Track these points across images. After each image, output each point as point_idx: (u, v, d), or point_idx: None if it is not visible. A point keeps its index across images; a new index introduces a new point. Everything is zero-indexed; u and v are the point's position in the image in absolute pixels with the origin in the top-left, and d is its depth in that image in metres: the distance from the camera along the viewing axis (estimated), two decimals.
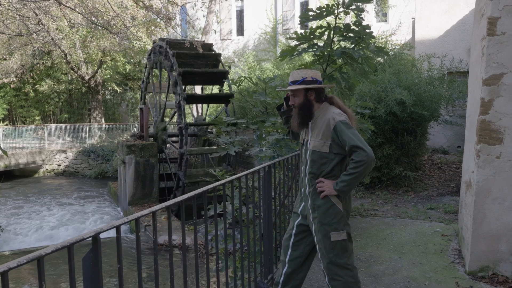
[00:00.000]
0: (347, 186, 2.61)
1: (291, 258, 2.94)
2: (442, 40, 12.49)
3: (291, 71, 3.20)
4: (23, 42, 19.06)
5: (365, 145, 2.56)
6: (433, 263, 4.29)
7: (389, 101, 7.49)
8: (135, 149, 11.28)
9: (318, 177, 2.75)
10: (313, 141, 2.77)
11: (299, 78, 2.79)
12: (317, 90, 2.82)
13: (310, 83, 2.77)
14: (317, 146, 2.74)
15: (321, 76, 2.87)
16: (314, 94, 2.81)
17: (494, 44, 3.59)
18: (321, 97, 2.84)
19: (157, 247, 2.04)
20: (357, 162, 2.54)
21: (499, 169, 3.69)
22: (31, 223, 11.85)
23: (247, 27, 20.78)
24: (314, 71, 2.85)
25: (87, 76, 22.52)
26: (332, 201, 2.68)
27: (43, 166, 20.35)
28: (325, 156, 2.72)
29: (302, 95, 2.80)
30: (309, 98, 2.81)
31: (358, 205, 7.08)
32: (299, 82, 2.78)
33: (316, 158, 2.75)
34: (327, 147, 2.70)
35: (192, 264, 5.70)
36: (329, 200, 2.69)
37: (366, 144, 2.58)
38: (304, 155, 2.89)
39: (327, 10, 3.68)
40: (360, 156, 2.54)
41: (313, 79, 2.79)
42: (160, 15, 11.76)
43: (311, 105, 2.81)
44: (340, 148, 2.68)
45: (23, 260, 1.32)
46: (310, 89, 2.79)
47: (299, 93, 2.81)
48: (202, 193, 2.45)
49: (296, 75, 2.81)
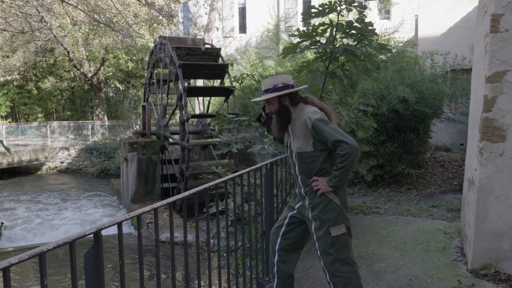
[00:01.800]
0: (340, 181, 2.66)
1: (281, 247, 2.98)
2: (445, 37, 12.44)
3: (294, 68, 3.20)
4: (25, 39, 19.12)
5: (346, 137, 2.60)
6: (435, 261, 4.28)
7: (391, 99, 7.47)
8: (137, 147, 11.30)
9: (311, 176, 2.78)
10: (296, 142, 2.81)
11: (270, 86, 2.82)
12: (290, 94, 2.85)
13: (281, 89, 2.81)
14: (301, 147, 2.77)
15: (292, 80, 2.88)
16: (287, 99, 2.85)
17: (497, 41, 3.57)
18: (296, 100, 2.87)
19: (159, 244, 2.05)
20: (343, 156, 2.58)
21: (502, 166, 3.68)
22: (33, 220, 11.89)
23: (249, 25, 20.76)
24: (284, 76, 2.88)
25: (90, 74, 22.55)
26: (329, 197, 2.71)
27: (46, 164, 20.40)
28: (311, 155, 2.75)
29: (276, 102, 2.84)
30: (284, 103, 2.84)
31: (360, 202, 7.07)
32: (271, 90, 2.82)
33: (303, 158, 2.79)
34: (311, 146, 2.74)
35: (194, 261, 5.72)
36: (326, 197, 2.72)
37: (347, 136, 2.62)
38: (290, 157, 2.93)
39: (329, 7, 3.67)
40: (344, 149, 2.57)
41: (284, 85, 2.82)
42: (162, 13, 11.77)
43: (287, 110, 2.85)
44: (323, 144, 2.71)
45: (25, 256, 1.32)
46: (283, 95, 2.83)
47: (273, 101, 2.85)
48: (204, 190, 2.45)
49: (267, 83, 2.85)
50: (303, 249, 3.11)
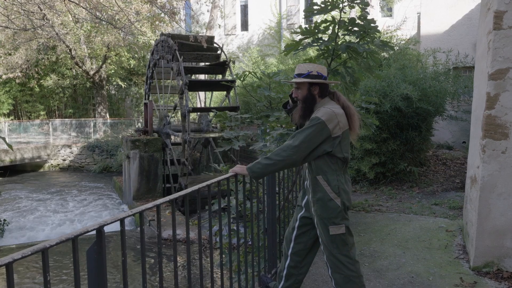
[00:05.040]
0: (260, 169, 2.65)
1: (294, 251, 2.95)
2: (448, 34, 12.40)
3: (296, 66, 3.18)
4: (28, 37, 19.11)
5: (299, 146, 2.59)
6: (437, 259, 4.28)
7: (394, 96, 7.45)
8: (139, 144, 11.31)
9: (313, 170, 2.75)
10: None
11: (304, 72, 2.77)
12: (321, 85, 2.80)
13: (315, 78, 2.76)
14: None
15: (326, 71, 2.85)
16: (318, 89, 2.79)
17: (500, 38, 3.56)
18: (325, 93, 2.82)
19: (161, 242, 2.05)
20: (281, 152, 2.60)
21: (505, 164, 3.67)
22: (36, 217, 11.93)
23: (251, 22, 20.71)
24: (320, 66, 2.83)
25: (92, 71, 22.56)
26: (330, 196, 2.67)
27: (48, 161, 20.45)
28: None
29: (306, 88, 2.79)
30: (312, 92, 2.79)
31: (362, 200, 7.07)
32: (304, 75, 2.76)
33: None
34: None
35: (196, 258, 5.73)
36: (327, 195, 2.68)
37: (302, 149, 2.60)
38: None
39: (332, 4, 3.66)
40: (288, 149, 2.59)
41: (319, 74, 2.77)
42: (165, 10, 11.75)
43: (314, 99, 2.80)
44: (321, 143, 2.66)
45: (28, 251, 1.32)
46: (314, 84, 2.78)
47: (303, 87, 2.80)
48: (207, 188, 2.45)
49: (302, 68, 2.80)
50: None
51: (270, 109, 4.64)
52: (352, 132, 2.78)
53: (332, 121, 2.62)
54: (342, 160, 2.71)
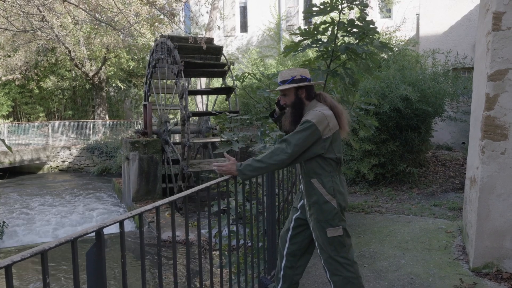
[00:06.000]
0: (251, 172, 2.63)
1: (289, 252, 2.96)
2: (447, 36, 12.41)
3: (294, 67, 3.19)
4: (27, 39, 19.11)
5: (293, 149, 2.58)
6: (437, 260, 4.28)
7: (393, 97, 7.46)
8: (139, 146, 11.30)
9: (307, 174, 2.76)
10: None
11: (288, 77, 2.79)
12: (307, 87, 2.82)
13: (300, 81, 2.78)
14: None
15: (309, 74, 2.87)
16: (304, 92, 2.81)
17: (499, 39, 3.57)
18: (311, 95, 2.84)
19: (161, 243, 2.05)
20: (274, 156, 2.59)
21: (504, 165, 3.67)
22: (35, 219, 11.91)
23: (250, 24, 20.75)
24: (302, 69, 2.86)
25: (91, 73, 22.57)
26: (325, 198, 2.67)
27: (47, 163, 20.43)
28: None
29: (293, 94, 2.81)
30: (300, 96, 2.81)
31: (361, 201, 7.07)
32: (289, 81, 2.78)
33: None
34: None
35: (196, 260, 5.73)
36: (322, 197, 2.68)
37: (295, 153, 2.60)
38: None
39: (331, 5, 3.66)
40: (281, 154, 2.59)
41: (303, 77, 2.80)
42: (164, 11, 11.76)
43: (302, 103, 2.81)
44: (311, 146, 2.66)
45: (27, 254, 1.32)
46: (301, 87, 2.80)
47: (290, 93, 2.81)
48: (206, 189, 2.45)
49: (285, 74, 2.82)
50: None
51: (270, 110, 4.64)
52: (342, 131, 2.81)
53: (322, 123, 2.64)
54: (335, 161, 2.72)
